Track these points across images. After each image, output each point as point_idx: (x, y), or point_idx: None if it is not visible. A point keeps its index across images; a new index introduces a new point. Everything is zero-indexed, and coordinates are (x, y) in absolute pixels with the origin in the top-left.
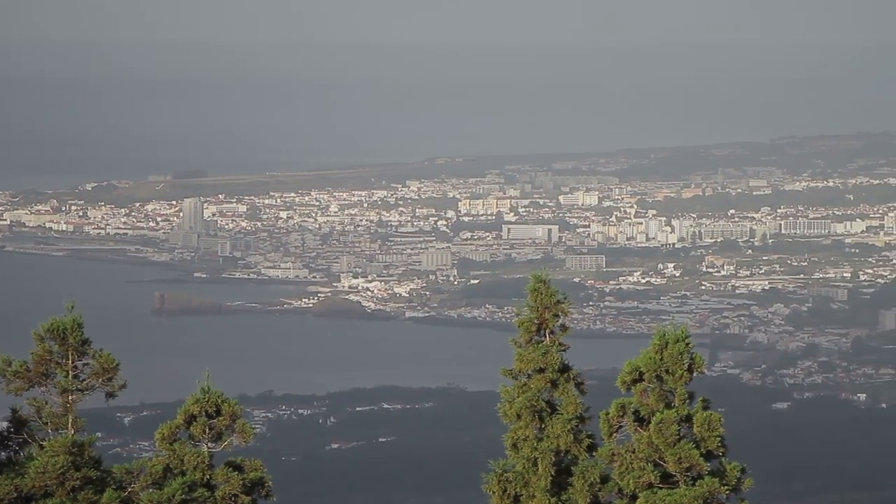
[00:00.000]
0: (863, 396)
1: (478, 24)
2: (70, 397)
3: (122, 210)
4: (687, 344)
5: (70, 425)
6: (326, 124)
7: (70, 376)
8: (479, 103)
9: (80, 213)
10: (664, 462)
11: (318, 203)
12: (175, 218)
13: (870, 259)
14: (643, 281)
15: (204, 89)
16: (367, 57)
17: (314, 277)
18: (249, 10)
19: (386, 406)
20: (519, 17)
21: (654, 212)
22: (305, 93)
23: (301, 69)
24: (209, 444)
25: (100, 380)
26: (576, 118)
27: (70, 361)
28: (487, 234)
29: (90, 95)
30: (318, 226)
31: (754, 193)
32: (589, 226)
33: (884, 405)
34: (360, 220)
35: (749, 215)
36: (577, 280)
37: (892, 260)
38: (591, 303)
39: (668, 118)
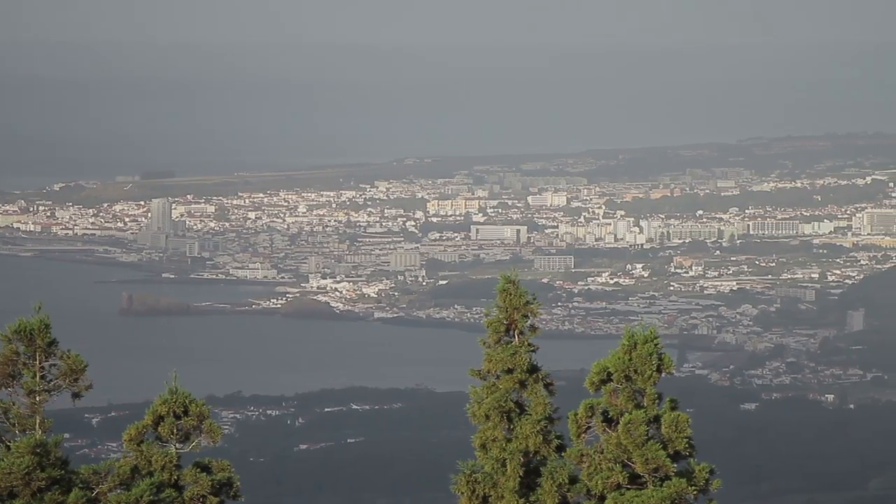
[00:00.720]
0: (830, 397)
1: (447, 25)
2: (37, 398)
3: (91, 210)
4: (655, 345)
5: (37, 426)
6: (295, 125)
7: (37, 377)
8: (448, 104)
9: (48, 214)
10: (632, 463)
11: (286, 204)
12: (143, 218)
13: (837, 260)
14: (612, 282)
15: (172, 90)
16: (335, 58)
17: (283, 278)
18: (219, 11)
19: (355, 407)
20: (487, 18)
21: (623, 212)
22: (274, 94)
23: (270, 70)
24: (177, 444)
25: (67, 381)
26: (544, 119)
27: (37, 362)
28: (456, 234)
29: (58, 95)
30: (286, 226)
31: (722, 194)
32: (557, 226)
33: (851, 406)
34: (329, 221)
35: (717, 216)
36: (545, 281)
37: (859, 261)
38: (559, 303)
39: (636, 119)
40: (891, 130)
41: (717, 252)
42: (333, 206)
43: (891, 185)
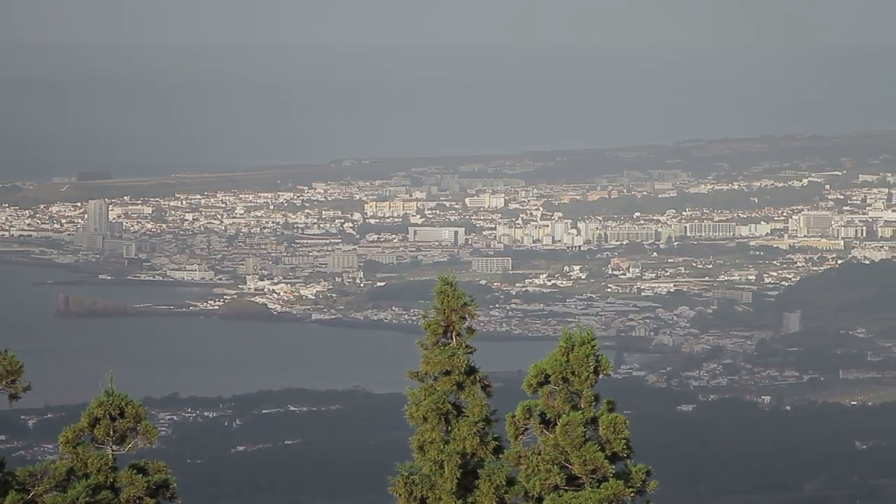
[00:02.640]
0: (767, 398)
1: (386, 27)
2: None
3: (27, 212)
4: (593, 346)
5: None
6: (232, 126)
7: None
8: (386, 106)
9: None
10: (570, 464)
11: (223, 205)
12: (80, 220)
13: (774, 261)
14: (549, 283)
15: (109, 91)
16: (273, 59)
17: (220, 279)
18: (157, 12)
19: (292, 408)
20: (425, 18)
21: (560, 214)
22: (211, 95)
23: (206, 71)
24: (113, 446)
25: (3, 382)
26: (482, 121)
27: None
28: (394, 236)
29: None
30: (223, 228)
31: (660, 196)
32: (495, 228)
33: (788, 407)
34: (266, 222)
35: (654, 218)
36: (483, 282)
37: (796, 263)
38: (497, 305)
39: (574, 121)
40: (827, 133)
41: (655, 254)
42: (271, 207)
43: (827, 187)
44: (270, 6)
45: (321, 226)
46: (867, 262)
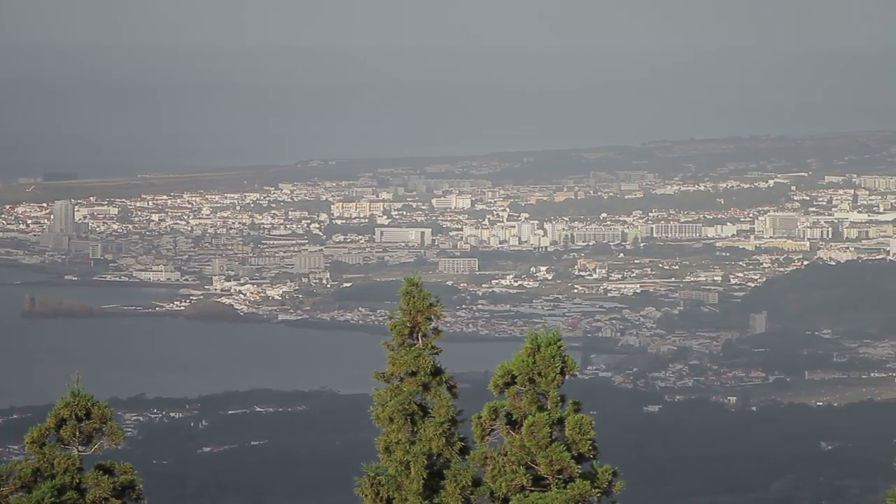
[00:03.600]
0: (733, 399)
1: (351, 27)
2: None
3: None
4: (559, 347)
5: None
6: (198, 127)
7: None
8: (353, 106)
9: None
10: (536, 465)
11: (190, 206)
12: (46, 220)
13: (740, 262)
14: (515, 284)
15: (76, 92)
16: (239, 60)
17: (186, 280)
18: (120, 13)
19: (258, 409)
20: (392, 20)
21: (527, 215)
22: (177, 95)
23: (173, 72)
24: (79, 447)
25: None
26: (449, 122)
27: None
28: (360, 237)
29: None
30: (190, 228)
31: (626, 197)
32: (462, 229)
33: (754, 408)
34: (233, 223)
35: (621, 219)
36: (449, 283)
37: (762, 263)
38: (463, 306)
39: (540, 122)
40: (793, 134)
41: (621, 255)
42: (237, 208)
43: (793, 188)
44: (236, 7)
45: (288, 226)
46: (833, 263)
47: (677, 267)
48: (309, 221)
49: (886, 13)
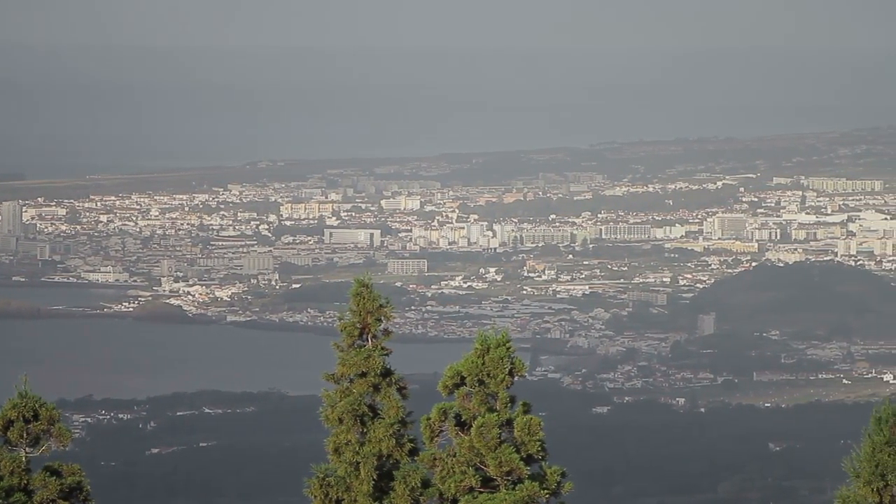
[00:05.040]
0: (681, 400)
1: (301, 28)
2: None
3: None
4: (508, 348)
5: None
6: (147, 127)
7: None
8: (301, 107)
9: None
10: (485, 466)
11: (138, 207)
12: None
13: (689, 264)
14: (465, 285)
15: (23, 92)
16: (187, 60)
17: (135, 281)
18: (68, 13)
19: (207, 410)
20: (340, 21)
21: (476, 216)
22: (125, 96)
23: (120, 72)
24: (26, 448)
25: None
26: (398, 123)
27: None
28: (309, 238)
29: None
30: (138, 229)
31: (575, 198)
32: (411, 230)
33: (702, 409)
34: (181, 224)
35: (570, 220)
36: (399, 284)
37: (710, 265)
38: (413, 307)
39: (490, 123)
40: (741, 136)
41: (570, 256)
42: (186, 209)
43: (741, 189)
44: (184, 8)
45: (236, 227)
46: (781, 264)
47: (626, 268)
48: (258, 222)
49: (833, 15)
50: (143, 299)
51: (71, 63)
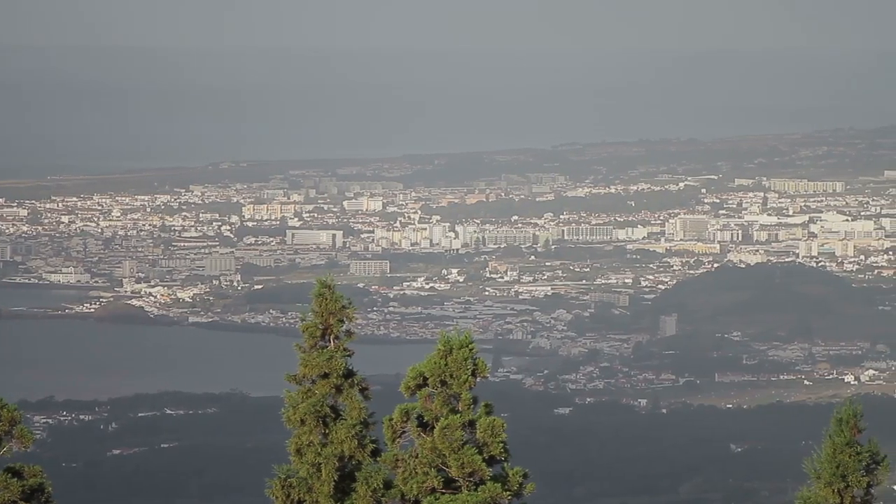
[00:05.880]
0: (643, 401)
1: (261, 29)
2: None
3: None
4: (470, 349)
5: None
6: (109, 128)
7: None
8: (263, 108)
9: None
10: (447, 467)
11: (100, 207)
12: None
13: (651, 265)
14: (427, 286)
15: None
16: (149, 61)
17: (96, 282)
18: (24, 13)
19: (168, 411)
20: (303, 21)
21: (439, 217)
22: (87, 96)
23: (84, 72)
24: None
25: None
26: (360, 124)
27: None
28: (271, 239)
29: None
30: (100, 230)
31: (537, 199)
32: (373, 231)
33: (664, 410)
34: (143, 225)
35: (532, 221)
36: (361, 285)
37: (672, 266)
38: (375, 308)
39: (452, 124)
40: (703, 137)
41: (532, 257)
42: (148, 210)
43: (703, 191)
44: (148, 9)
45: (198, 228)
46: (743, 265)
47: (588, 269)
48: (220, 223)
49: (795, 17)
50: (104, 300)
51: (31, 63)
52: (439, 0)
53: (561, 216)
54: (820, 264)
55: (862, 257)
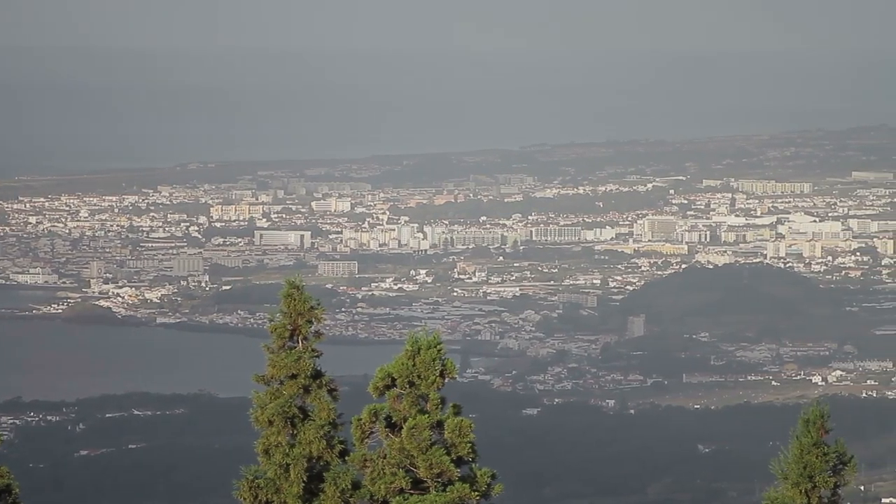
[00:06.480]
0: (611, 402)
1: (230, 30)
2: None
3: None
4: (439, 350)
5: None
6: (76, 128)
7: None
8: (232, 109)
9: None
10: (415, 468)
11: (67, 208)
12: None
13: (619, 266)
14: (395, 287)
15: None
16: (118, 61)
17: (64, 283)
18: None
19: (136, 412)
20: (268, 21)
21: (407, 218)
22: (55, 96)
23: (50, 73)
24: None
25: None
26: (328, 124)
27: None
28: (239, 239)
29: None
30: (67, 231)
31: (506, 200)
32: (341, 232)
33: (632, 411)
34: (111, 226)
35: (500, 222)
36: (329, 286)
37: (640, 267)
38: (343, 309)
39: (420, 125)
40: (671, 138)
41: (501, 258)
42: (116, 210)
43: (671, 192)
44: (113, 8)
45: (166, 229)
46: (711, 266)
47: (556, 270)
48: (188, 224)
49: (761, 18)
50: (72, 301)
51: (2, 62)
52: (406, 2)
53: (529, 217)
54: (788, 265)
55: (829, 258)
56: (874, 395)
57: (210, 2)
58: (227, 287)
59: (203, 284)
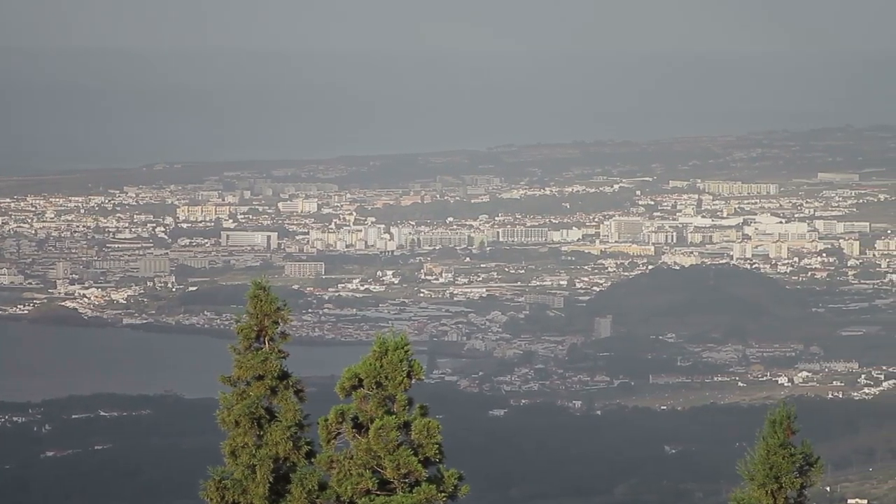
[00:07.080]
0: (578, 403)
1: (196, 29)
2: None
3: None
4: (406, 351)
5: None
6: (42, 129)
7: None
8: (198, 109)
9: None
10: (382, 468)
11: (33, 209)
12: None
13: (585, 267)
14: (362, 288)
15: None
16: (85, 61)
17: (30, 284)
18: None
19: (102, 413)
20: (234, 21)
21: (374, 219)
22: (20, 96)
23: (17, 73)
24: None
25: None
26: (295, 125)
27: None
28: (206, 240)
29: None
30: (33, 231)
31: (472, 201)
32: (308, 233)
33: (599, 412)
34: (77, 227)
35: (467, 223)
36: (296, 287)
37: (607, 268)
38: (310, 310)
39: (387, 126)
40: (638, 139)
41: (467, 259)
42: (82, 211)
43: (638, 193)
44: (83, 8)
45: (133, 230)
46: (677, 267)
47: (523, 271)
48: (154, 225)
49: (726, 19)
50: (38, 302)
51: None
52: (374, 2)
53: (496, 218)
54: (754, 266)
55: (795, 259)
56: (840, 395)
57: (180, 2)
58: (194, 288)
59: (169, 285)
